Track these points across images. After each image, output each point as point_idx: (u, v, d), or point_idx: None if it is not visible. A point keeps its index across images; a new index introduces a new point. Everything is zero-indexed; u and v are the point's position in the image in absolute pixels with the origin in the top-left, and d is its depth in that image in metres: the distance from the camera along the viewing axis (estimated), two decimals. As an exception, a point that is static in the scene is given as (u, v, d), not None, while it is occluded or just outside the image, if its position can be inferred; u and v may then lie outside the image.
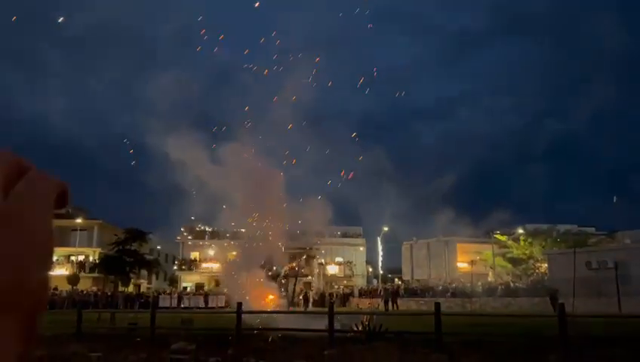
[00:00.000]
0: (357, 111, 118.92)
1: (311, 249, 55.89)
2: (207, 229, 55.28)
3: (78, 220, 50.61)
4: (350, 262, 63.86)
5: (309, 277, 57.31)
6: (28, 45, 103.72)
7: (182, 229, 55.55)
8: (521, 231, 53.61)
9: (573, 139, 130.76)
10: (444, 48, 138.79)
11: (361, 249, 64.62)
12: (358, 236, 66.75)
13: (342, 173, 32.73)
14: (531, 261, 49.59)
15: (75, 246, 52.59)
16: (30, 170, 0.44)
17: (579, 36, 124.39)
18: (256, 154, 29.25)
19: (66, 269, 49.52)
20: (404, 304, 39.50)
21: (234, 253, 50.77)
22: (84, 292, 42.86)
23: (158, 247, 53.10)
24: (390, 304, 37.68)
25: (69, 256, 52.89)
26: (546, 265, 43.48)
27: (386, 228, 63.42)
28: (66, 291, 41.43)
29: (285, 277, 42.31)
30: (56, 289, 43.74)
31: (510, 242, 52.77)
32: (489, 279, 50.53)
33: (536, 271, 47.15)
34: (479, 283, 43.67)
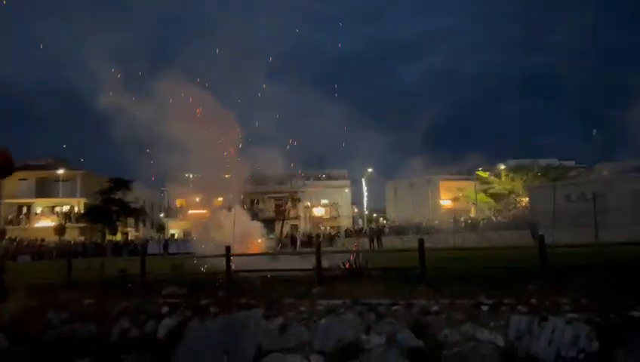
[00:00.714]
0: (332, 51, 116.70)
1: (296, 192, 56.34)
2: (190, 176, 55.10)
3: (60, 171, 50.01)
4: (336, 204, 64.58)
5: (296, 220, 58.07)
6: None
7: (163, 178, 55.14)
8: (502, 166, 54.39)
9: (554, 73, 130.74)
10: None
11: (346, 190, 65.28)
12: (343, 178, 67.25)
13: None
14: (513, 196, 50.61)
15: (59, 197, 52.19)
16: None
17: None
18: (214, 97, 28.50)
19: (52, 220, 49.43)
20: (389, 242, 40.35)
21: (220, 198, 50.80)
22: (72, 242, 42.97)
23: (143, 196, 52.98)
24: (375, 242, 38.49)
25: (53, 207, 52.65)
26: (527, 199, 44.46)
27: (370, 170, 63.87)
28: (54, 242, 41.49)
29: (272, 220, 42.81)
30: (43, 240, 43.79)
31: (492, 178, 53.65)
32: (471, 215, 51.63)
33: (518, 205, 48.20)
34: (462, 219, 44.61)
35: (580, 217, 29.54)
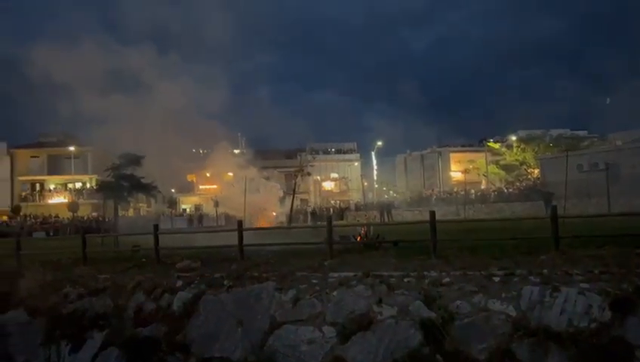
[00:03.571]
0: (340, 18, 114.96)
1: (306, 166, 56.31)
2: (201, 151, 55.25)
3: (72, 148, 50.29)
4: (345, 178, 64.51)
5: (306, 194, 58.20)
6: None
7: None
8: (514, 137, 53.85)
9: (566, 40, 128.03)
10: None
11: (356, 164, 65.17)
12: (352, 151, 67.04)
13: None
14: (524, 167, 50.22)
15: (70, 173, 52.66)
16: None
17: None
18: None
19: (65, 197, 50.02)
20: (400, 215, 40.42)
21: (230, 173, 51.04)
22: (85, 218, 43.50)
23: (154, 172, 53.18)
24: (385, 215, 38.56)
25: (65, 184, 53.17)
26: (539, 170, 44.13)
27: (379, 143, 63.58)
28: (67, 218, 42.03)
29: (282, 195, 42.94)
30: (57, 216, 44.38)
31: (503, 149, 53.20)
32: (482, 187, 51.42)
33: (529, 176, 47.88)
34: (472, 191, 44.49)
35: (592, 187, 29.33)
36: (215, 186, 52.66)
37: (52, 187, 52.98)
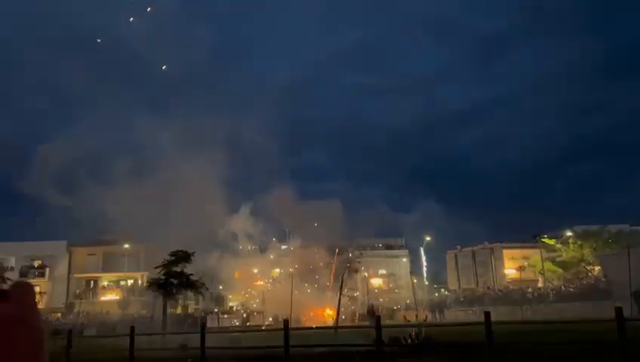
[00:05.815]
0: (390, 124, 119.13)
1: (353, 263, 55.64)
2: (250, 247, 55.77)
3: (126, 246, 51.84)
4: (394, 274, 63.19)
5: (354, 291, 56.96)
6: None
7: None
8: (569, 233, 51.85)
9: (616, 135, 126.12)
10: (474, 51, 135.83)
11: (404, 260, 63.91)
12: (400, 247, 66.07)
13: None
14: (582, 264, 47.81)
15: (124, 270, 53.89)
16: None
17: (612, 29, 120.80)
18: None
19: (116, 294, 50.97)
20: (452, 314, 38.77)
21: (277, 269, 51.08)
22: (135, 315, 43.86)
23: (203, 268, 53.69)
24: (437, 315, 37.08)
25: (118, 281, 54.32)
26: (599, 267, 41.94)
27: (428, 238, 62.52)
28: (117, 315, 42.52)
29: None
30: (108, 313, 45.05)
31: (559, 246, 51.11)
32: (539, 285, 49.03)
33: (589, 274, 45.41)
34: (529, 290, 42.42)
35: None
36: (261, 283, 52.53)
37: (105, 284, 54.14)
